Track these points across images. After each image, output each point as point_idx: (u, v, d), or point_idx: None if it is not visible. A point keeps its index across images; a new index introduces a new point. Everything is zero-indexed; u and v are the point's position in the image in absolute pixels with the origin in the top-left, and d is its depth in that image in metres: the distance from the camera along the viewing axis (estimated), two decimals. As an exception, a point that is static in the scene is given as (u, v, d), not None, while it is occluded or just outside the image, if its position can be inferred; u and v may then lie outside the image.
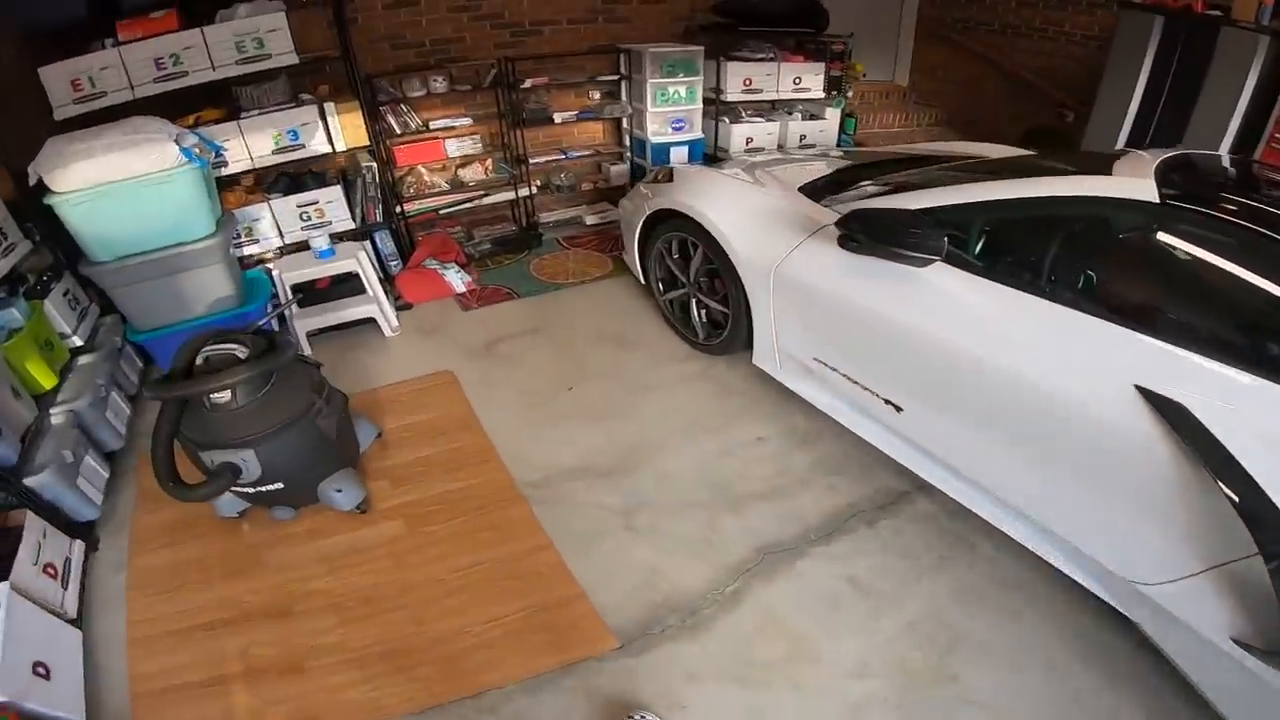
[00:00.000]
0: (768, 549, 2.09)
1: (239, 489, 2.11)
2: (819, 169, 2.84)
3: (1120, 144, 4.15)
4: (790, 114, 4.46)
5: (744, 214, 2.54)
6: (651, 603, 1.93)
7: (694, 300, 2.93)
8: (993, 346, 1.79)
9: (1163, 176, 1.76)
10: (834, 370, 2.31)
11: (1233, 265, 1.65)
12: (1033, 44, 5.17)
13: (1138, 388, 1.52)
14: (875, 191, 2.38)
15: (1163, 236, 1.73)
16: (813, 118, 4.52)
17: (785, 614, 1.90)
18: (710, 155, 4.45)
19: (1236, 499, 1.34)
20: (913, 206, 2.03)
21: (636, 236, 3.11)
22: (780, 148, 4.44)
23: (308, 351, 3.18)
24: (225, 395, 1.94)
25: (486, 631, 1.86)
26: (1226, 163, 2.39)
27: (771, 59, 4.27)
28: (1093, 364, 1.62)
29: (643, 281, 3.28)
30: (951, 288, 1.90)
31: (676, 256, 2.95)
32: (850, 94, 5.06)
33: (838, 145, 4.70)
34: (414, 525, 2.22)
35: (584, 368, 2.96)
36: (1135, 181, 1.74)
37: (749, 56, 4.26)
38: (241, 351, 1.99)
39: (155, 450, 1.92)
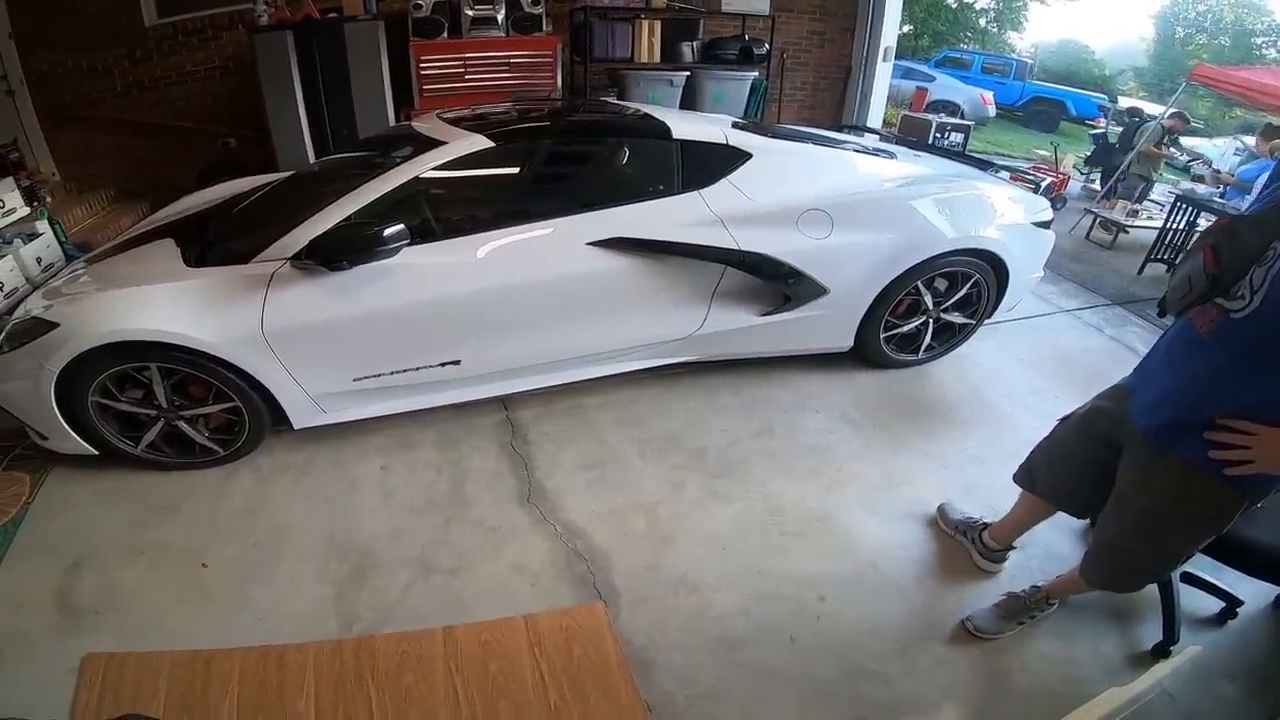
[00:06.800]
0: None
1: None
2: (143, 262, 2.55)
3: (310, 150, 4.66)
4: (8, 243, 3.60)
5: (183, 308, 2.25)
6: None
7: (182, 423, 2.42)
8: (504, 274, 2.45)
9: (475, 128, 2.61)
10: (378, 375, 2.48)
11: (547, 161, 2.76)
12: (164, 93, 5.28)
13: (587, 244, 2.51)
14: (279, 226, 2.38)
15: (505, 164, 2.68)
16: (32, 237, 3.76)
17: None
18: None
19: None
20: (337, 219, 2.31)
21: (54, 405, 2.27)
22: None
23: None
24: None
25: None
26: (486, 110, 3.19)
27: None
28: (556, 249, 2.51)
29: (96, 451, 2.41)
30: (431, 258, 2.40)
31: (132, 393, 2.36)
32: (49, 198, 4.31)
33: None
34: None
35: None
36: (473, 138, 2.53)
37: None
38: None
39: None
